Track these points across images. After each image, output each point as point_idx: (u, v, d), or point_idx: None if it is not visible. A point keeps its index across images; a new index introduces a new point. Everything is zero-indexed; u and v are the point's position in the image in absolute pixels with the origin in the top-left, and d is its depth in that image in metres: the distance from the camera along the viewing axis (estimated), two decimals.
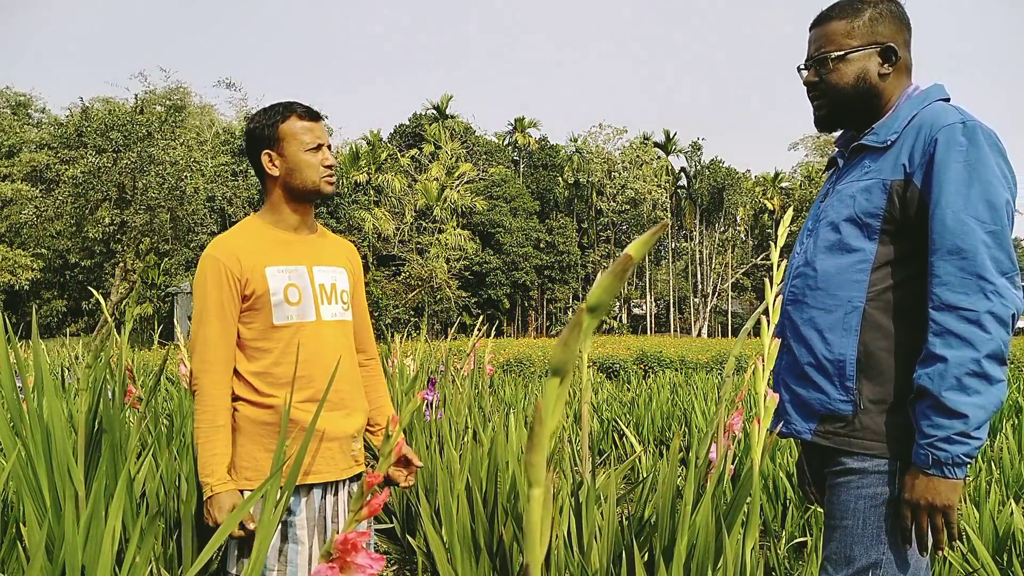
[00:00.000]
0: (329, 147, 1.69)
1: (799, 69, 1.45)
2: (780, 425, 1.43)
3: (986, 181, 1.21)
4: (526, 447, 0.36)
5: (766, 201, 45.28)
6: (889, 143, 1.33)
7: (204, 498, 1.54)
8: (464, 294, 34.39)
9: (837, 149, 1.51)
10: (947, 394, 1.18)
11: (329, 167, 1.67)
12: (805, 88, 1.44)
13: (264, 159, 1.65)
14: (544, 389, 0.35)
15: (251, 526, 1.52)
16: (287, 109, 1.66)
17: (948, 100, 1.36)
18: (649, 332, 43.16)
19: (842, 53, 1.36)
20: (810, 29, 1.43)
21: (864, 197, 1.32)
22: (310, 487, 1.62)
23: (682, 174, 46.53)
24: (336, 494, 1.68)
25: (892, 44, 1.35)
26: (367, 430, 1.85)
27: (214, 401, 1.57)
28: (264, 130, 1.65)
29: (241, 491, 1.58)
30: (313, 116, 1.67)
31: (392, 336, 4.33)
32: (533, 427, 0.35)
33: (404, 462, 1.76)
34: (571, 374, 0.35)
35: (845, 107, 1.40)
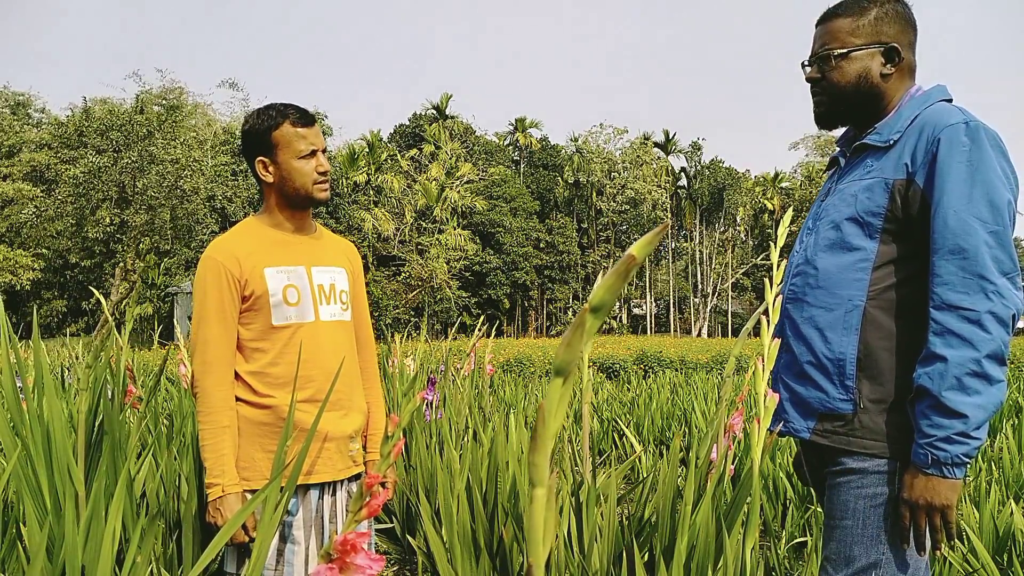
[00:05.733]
0: (324, 151, 1.68)
1: (803, 65, 1.45)
2: (779, 425, 1.43)
3: (988, 181, 1.21)
4: (529, 447, 0.36)
5: (766, 201, 45.28)
6: (892, 142, 1.33)
7: (211, 499, 1.53)
8: (464, 294, 34.38)
9: (839, 148, 1.51)
10: (947, 394, 1.18)
11: (323, 173, 1.65)
12: (808, 84, 1.44)
13: (258, 166, 1.65)
14: (547, 390, 0.35)
15: (254, 533, 1.52)
16: (280, 115, 1.63)
17: (950, 101, 1.36)
18: (649, 332, 43.17)
19: (845, 51, 1.36)
20: (816, 25, 1.43)
21: (866, 196, 1.32)
22: (307, 487, 1.62)
23: (682, 174, 46.52)
24: (334, 494, 1.68)
25: (896, 44, 1.35)
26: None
27: (217, 402, 1.56)
28: (258, 136, 1.63)
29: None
30: (307, 121, 1.64)
31: (392, 336, 4.32)
32: (536, 428, 0.35)
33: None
34: (575, 375, 0.35)
35: (845, 105, 1.40)
